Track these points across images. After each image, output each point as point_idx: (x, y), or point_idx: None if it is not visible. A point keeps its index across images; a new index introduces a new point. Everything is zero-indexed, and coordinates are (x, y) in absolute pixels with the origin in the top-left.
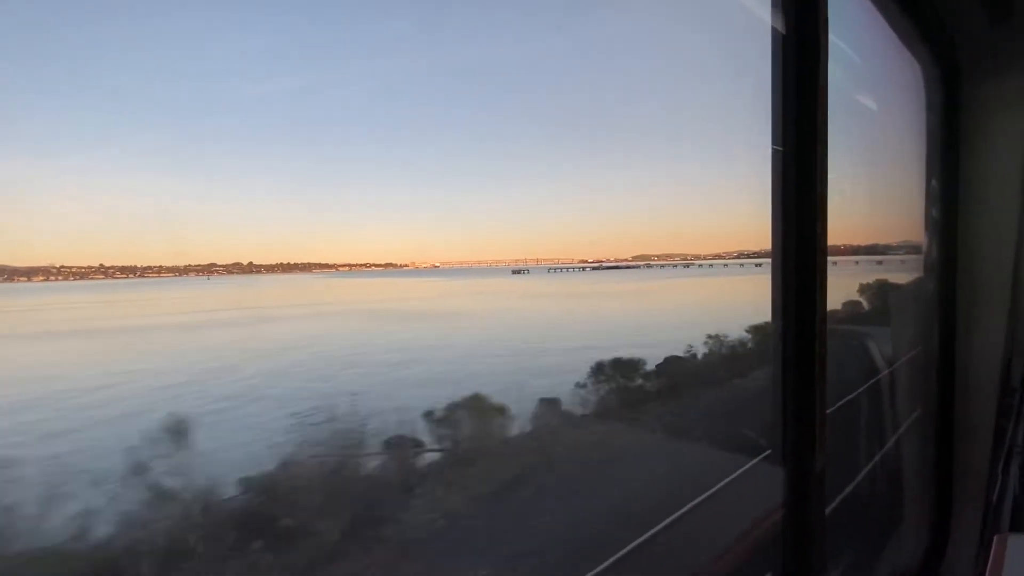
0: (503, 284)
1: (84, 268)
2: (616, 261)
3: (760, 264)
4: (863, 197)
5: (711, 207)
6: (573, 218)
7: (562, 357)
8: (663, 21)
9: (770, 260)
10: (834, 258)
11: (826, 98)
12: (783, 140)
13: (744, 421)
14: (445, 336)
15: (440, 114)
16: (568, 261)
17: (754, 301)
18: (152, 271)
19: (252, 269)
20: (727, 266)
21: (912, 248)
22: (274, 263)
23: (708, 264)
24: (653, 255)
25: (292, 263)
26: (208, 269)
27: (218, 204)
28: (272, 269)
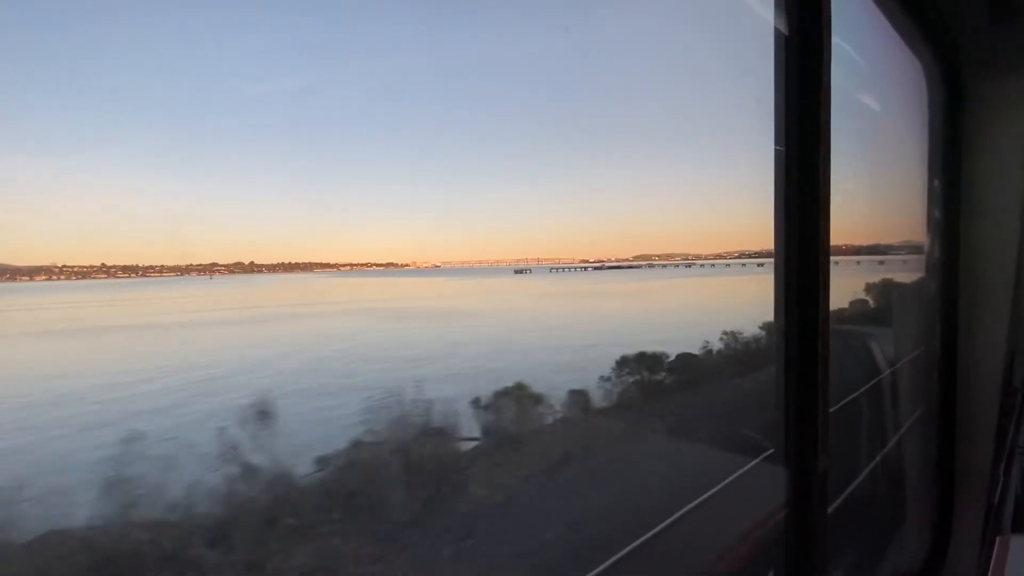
0: (507, 284)
1: (86, 267)
2: (618, 261)
3: (762, 264)
4: (865, 197)
5: (713, 207)
6: (574, 218)
7: (579, 354)
8: (665, 21)
9: (772, 260)
10: (836, 258)
11: (829, 98)
12: (785, 140)
13: (744, 421)
14: (467, 335)
15: (441, 114)
16: (570, 261)
17: (757, 301)
18: (154, 270)
19: (254, 268)
20: (729, 266)
21: (914, 248)
22: (275, 263)
23: (710, 264)
24: (654, 255)
25: (293, 263)
26: (210, 269)
27: (219, 204)
28: (274, 269)
